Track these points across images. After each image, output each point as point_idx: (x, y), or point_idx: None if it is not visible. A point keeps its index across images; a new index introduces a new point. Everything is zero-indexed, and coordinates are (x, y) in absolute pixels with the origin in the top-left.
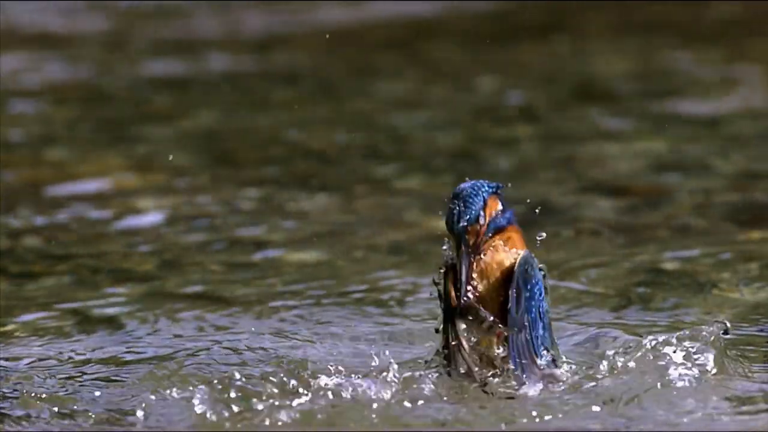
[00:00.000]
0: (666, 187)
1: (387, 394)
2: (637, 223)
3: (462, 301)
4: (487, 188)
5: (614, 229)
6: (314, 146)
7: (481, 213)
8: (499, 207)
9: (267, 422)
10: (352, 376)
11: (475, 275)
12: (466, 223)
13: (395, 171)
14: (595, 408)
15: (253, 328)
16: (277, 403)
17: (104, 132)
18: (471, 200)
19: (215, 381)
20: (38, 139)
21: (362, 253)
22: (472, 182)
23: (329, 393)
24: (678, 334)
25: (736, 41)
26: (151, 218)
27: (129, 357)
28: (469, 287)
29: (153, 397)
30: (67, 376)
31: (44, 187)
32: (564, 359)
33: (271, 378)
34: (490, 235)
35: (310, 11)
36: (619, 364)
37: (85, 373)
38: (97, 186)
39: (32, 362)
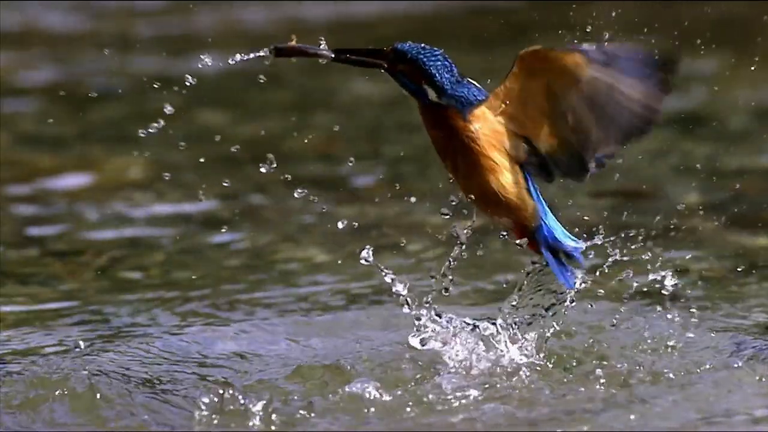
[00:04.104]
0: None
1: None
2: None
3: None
4: (444, 67)
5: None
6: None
7: (411, 56)
8: (431, 90)
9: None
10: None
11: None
12: (396, 46)
13: (392, 170)
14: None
15: (251, 329)
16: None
17: (101, 131)
18: (424, 49)
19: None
20: (34, 138)
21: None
22: (451, 68)
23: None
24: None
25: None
26: (148, 218)
27: (125, 356)
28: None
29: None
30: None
31: (39, 184)
32: None
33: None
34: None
35: (297, 8)
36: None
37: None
38: (93, 184)
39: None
